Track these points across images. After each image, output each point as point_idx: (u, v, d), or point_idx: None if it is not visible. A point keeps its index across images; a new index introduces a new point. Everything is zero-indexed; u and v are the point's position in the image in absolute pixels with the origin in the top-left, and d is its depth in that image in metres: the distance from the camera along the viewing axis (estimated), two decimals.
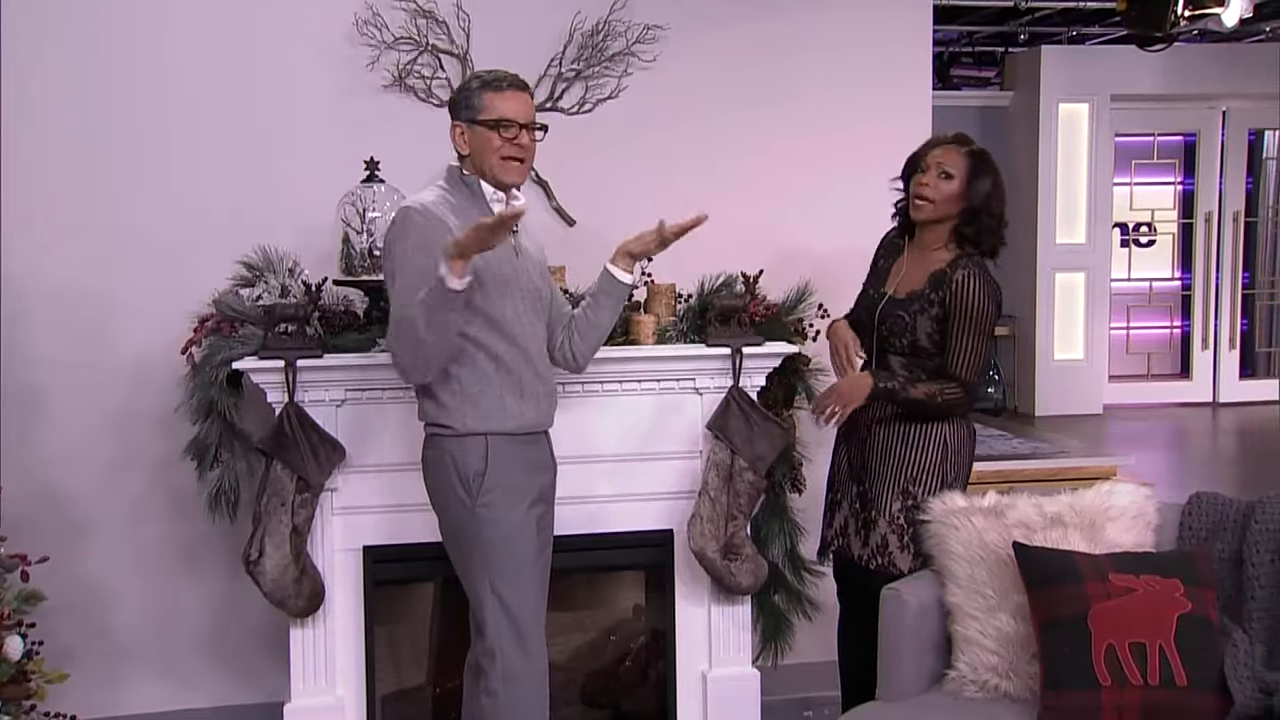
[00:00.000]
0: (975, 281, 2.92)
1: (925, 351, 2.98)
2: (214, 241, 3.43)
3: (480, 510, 2.64)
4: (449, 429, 2.65)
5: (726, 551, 3.33)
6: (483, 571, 2.66)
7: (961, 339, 2.93)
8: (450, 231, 2.55)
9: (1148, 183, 8.98)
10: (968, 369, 2.94)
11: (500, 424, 2.65)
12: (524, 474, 2.71)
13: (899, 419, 3.01)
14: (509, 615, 2.66)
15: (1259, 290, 9.15)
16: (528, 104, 2.72)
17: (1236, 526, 2.73)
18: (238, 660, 3.67)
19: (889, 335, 3.01)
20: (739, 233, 3.65)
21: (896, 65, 3.95)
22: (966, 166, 2.96)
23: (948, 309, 2.93)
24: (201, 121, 3.55)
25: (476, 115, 2.67)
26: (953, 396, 2.95)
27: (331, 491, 3.21)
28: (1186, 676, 2.47)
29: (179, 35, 3.53)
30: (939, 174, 2.96)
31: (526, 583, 2.70)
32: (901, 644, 2.76)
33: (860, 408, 2.99)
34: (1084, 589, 2.54)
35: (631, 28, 3.70)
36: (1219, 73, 8.42)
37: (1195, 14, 5.56)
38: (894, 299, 3.03)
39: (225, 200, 3.55)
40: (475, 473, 2.64)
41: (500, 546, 2.66)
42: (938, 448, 3.01)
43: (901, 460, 3.01)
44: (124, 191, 3.53)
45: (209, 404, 3.23)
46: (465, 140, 2.70)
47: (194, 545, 3.61)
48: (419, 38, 3.61)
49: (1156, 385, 9.08)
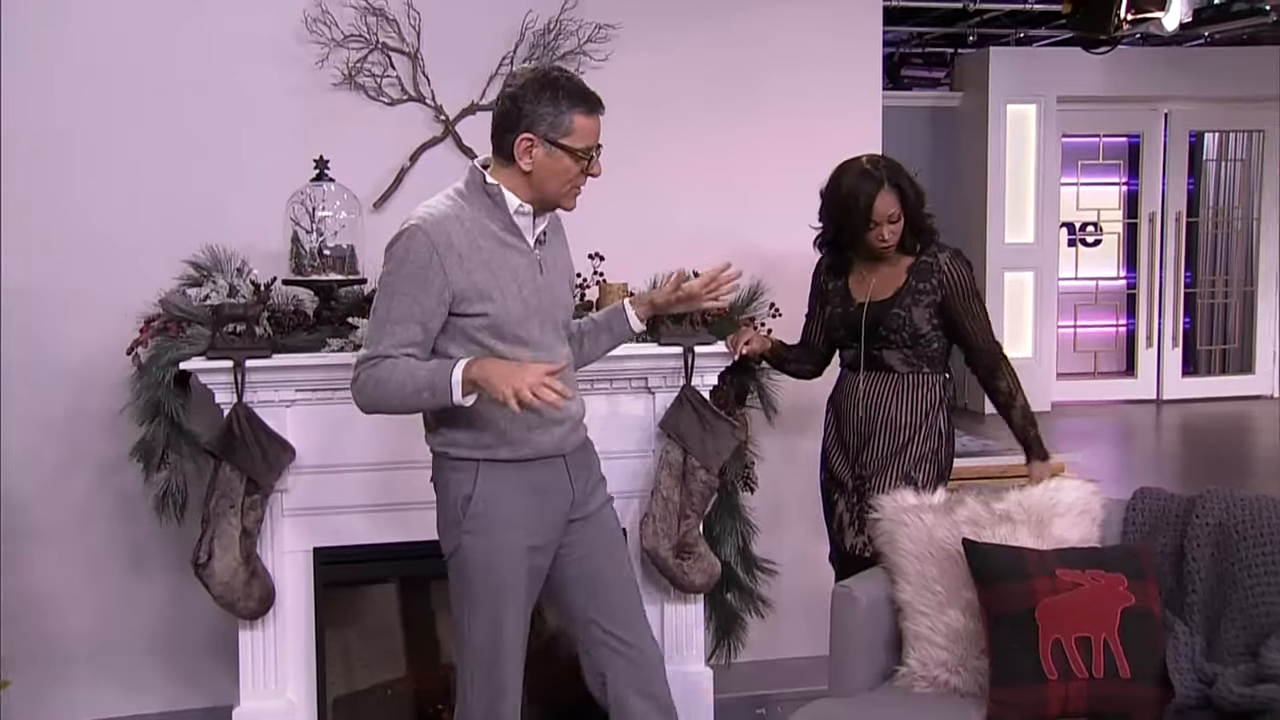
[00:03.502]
0: (960, 261, 3.17)
1: (925, 338, 3.15)
2: (160, 241, 3.39)
3: (465, 537, 2.46)
4: (444, 453, 2.48)
5: (679, 551, 3.34)
6: (463, 599, 2.49)
7: (972, 314, 3.17)
8: (461, 259, 2.34)
9: (1094, 183, 9.12)
10: (989, 335, 3.19)
11: (493, 453, 2.44)
12: (525, 500, 2.47)
13: (893, 408, 3.15)
14: (479, 653, 2.48)
15: (1200, 289, 9.32)
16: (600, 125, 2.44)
17: (1178, 521, 2.79)
18: (186, 664, 3.62)
19: (888, 334, 3.14)
20: (691, 231, 3.67)
21: (847, 65, 3.98)
22: (899, 199, 3.10)
23: (948, 291, 3.13)
24: (148, 119, 3.50)
25: (560, 137, 2.35)
26: (1013, 375, 3.19)
27: (282, 493, 3.18)
28: (1130, 669, 2.52)
29: (125, 32, 3.48)
30: (889, 222, 3.10)
31: (508, 617, 2.48)
32: (852, 640, 2.78)
33: (850, 395, 3.20)
34: (1031, 585, 2.57)
35: (583, 27, 3.70)
36: (1161, 75, 8.57)
37: (1137, 17, 5.67)
38: (879, 302, 3.16)
39: (172, 199, 3.50)
40: (464, 497, 2.44)
41: (481, 577, 2.46)
42: (935, 435, 3.16)
43: (902, 449, 3.13)
44: (67, 190, 3.47)
45: (156, 405, 3.18)
46: (535, 158, 2.37)
47: (141, 548, 3.56)
48: (369, 35, 3.58)
49: (1103, 383, 9.23)
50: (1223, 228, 9.34)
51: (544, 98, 2.35)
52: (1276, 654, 2.48)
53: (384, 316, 2.36)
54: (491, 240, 2.40)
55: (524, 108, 2.35)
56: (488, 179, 2.42)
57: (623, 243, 3.49)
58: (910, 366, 3.16)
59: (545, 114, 2.35)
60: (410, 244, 2.34)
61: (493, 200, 2.42)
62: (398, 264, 2.35)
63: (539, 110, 2.35)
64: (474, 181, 2.44)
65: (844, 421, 3.25)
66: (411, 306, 2.34)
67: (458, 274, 2.35)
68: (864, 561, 3.06)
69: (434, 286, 2.34)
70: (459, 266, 2.35)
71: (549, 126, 2.35)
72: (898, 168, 3.14)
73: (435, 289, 2.34)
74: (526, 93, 2.36)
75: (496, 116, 2.41)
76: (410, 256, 2.34)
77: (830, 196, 3.17)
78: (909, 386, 3.16)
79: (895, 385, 3.17)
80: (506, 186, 2.41)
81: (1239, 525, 2.70)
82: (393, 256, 2.37)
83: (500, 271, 2.39)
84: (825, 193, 3.20)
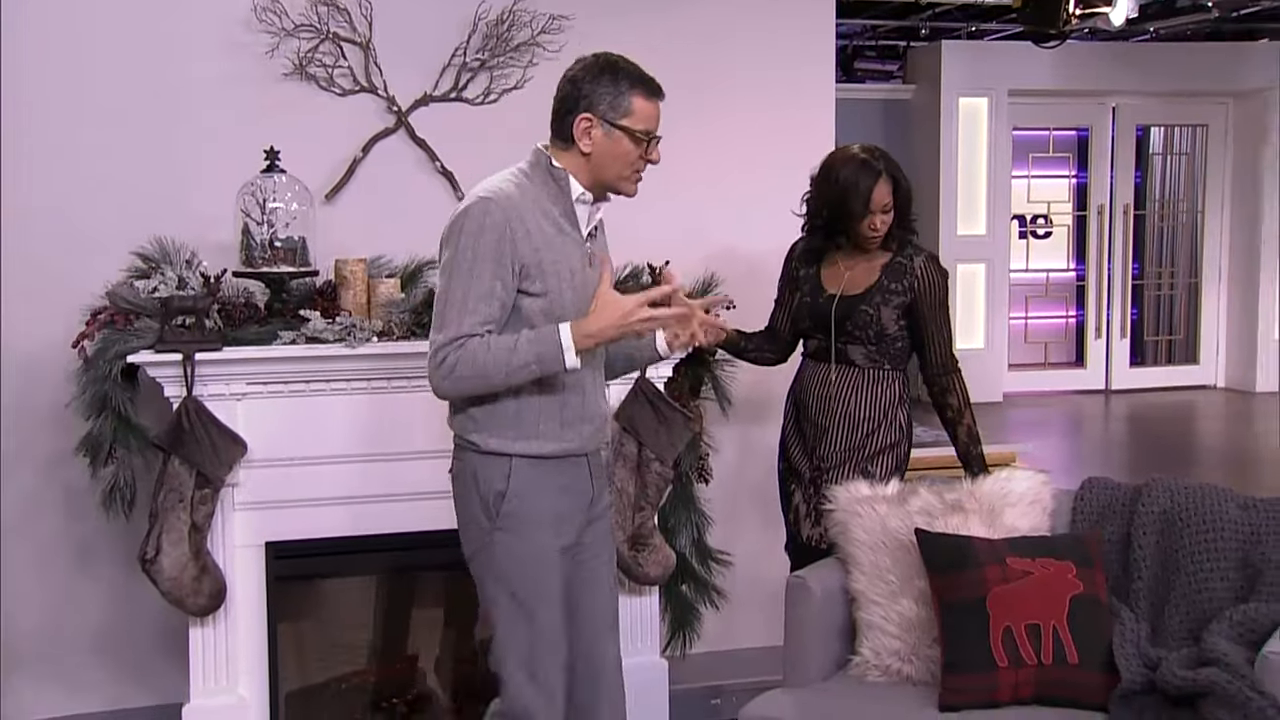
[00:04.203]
0: (935, 266, 3.18)
1: (890, 337, 3.16)
2: (107, 233, 3.33)
3: (497, 534, 2.38)
4: (473, 445, 2.38)
5: (634, 542, 3.35)
6: (498, 599, 2.41)
7: (936, 325, 3.18)
8: (529, 234, 2.30)
9: (1044, 176, 9.23)
10: (947, 350, 3.19)
11: (526, 448, 2.37)
12: (554, 498, 2.41)
13: (853, 402, 3.16)
14: (520, 653, 2.40)
15: (1147, 281, 9.47)
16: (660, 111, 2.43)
17: (1125, 509, 2.84)
18: (133, 661, 3.57)
19: (854, 329, 3.15)
20: (644, 223, 3.66)
21: (801, 58, 3.99)
22: (893, 190, 3.11)
23: (917, 295, 3.14)
24: (95, 109, 3.44)
25: (620, 118, 2.34)
26: (964, 393, 3.20)
27: (233, 487, 3.15)
28: (1078, 655, 2.55)
29: (71, 19, 3.42)
30: (882, 211, 3.10)
31: (544, 616, 2.40)
32: (806, 630, 2.80)
33: (811, 386, 3.21)
34: (982, 573, 2.60)
35: (536, 18, 3.68)
36: (1108, 70, 8.69)
37: (1085, 12, 5.76)
38: (849, 296, 3.16)
39: (118, 190, 3.45)
40: (496, 493, 2.36)
41: (516, 575, 2.39)
42: (896, 430, 3.18)
43: (861, 443, 3.15)
44: (10, 181, 3.40)
45: (103, 399, 3.13)
46: (594, 139, 2.35)
47: (87, 544, 3.51)
48: (320, 25, 3.54)
49: (1053, 373, 9.35)
50: (1169, 220, 9.49)
51: (604, 79, 2.35)
52: (1218, 638, 2.53)
53: (464, 294, 2.27)
54: (550, 224, 2.35)
55: (583, 88, 2.35)
56: (554, 162, 2.38)
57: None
58: (872, 362, 3.17)
59: (605, 94, 2.34)
60: (485, 218, 2.27)
61: (557, 184, 2.38)
62: (472, 238, 2.27)
63: (598, 91, 2.34)
64: (539, 163, 2.39)
65: (803, 412, 3.26)
66: (492, 282, 2.27)
67: (526, 249, 2.30)
68: (820, 552, 3.08)
69: (509, 259, 2.28)
70: (527, 242, 2.30)
71: (608, 107, 2.34)
72: (892, 159, 3.16)
73: (510, 262, 2.28)
74: (587, 74, 2.36)
75: (557, 100, 2.39)
76: (486, 227, 2.27)
77: (825, 183, 3.14)
78: (870, 382, 3.17)
79: (856, 379, 3.17)
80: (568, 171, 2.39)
81: (1182, 513, 2.75)
82: (464, 231, 2.28)
83: (558, 256, 2.35)
84: (819, 179, 3.18)
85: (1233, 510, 2.73)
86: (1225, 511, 2.73)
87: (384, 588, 3.51)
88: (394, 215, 3.55)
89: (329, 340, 3.13)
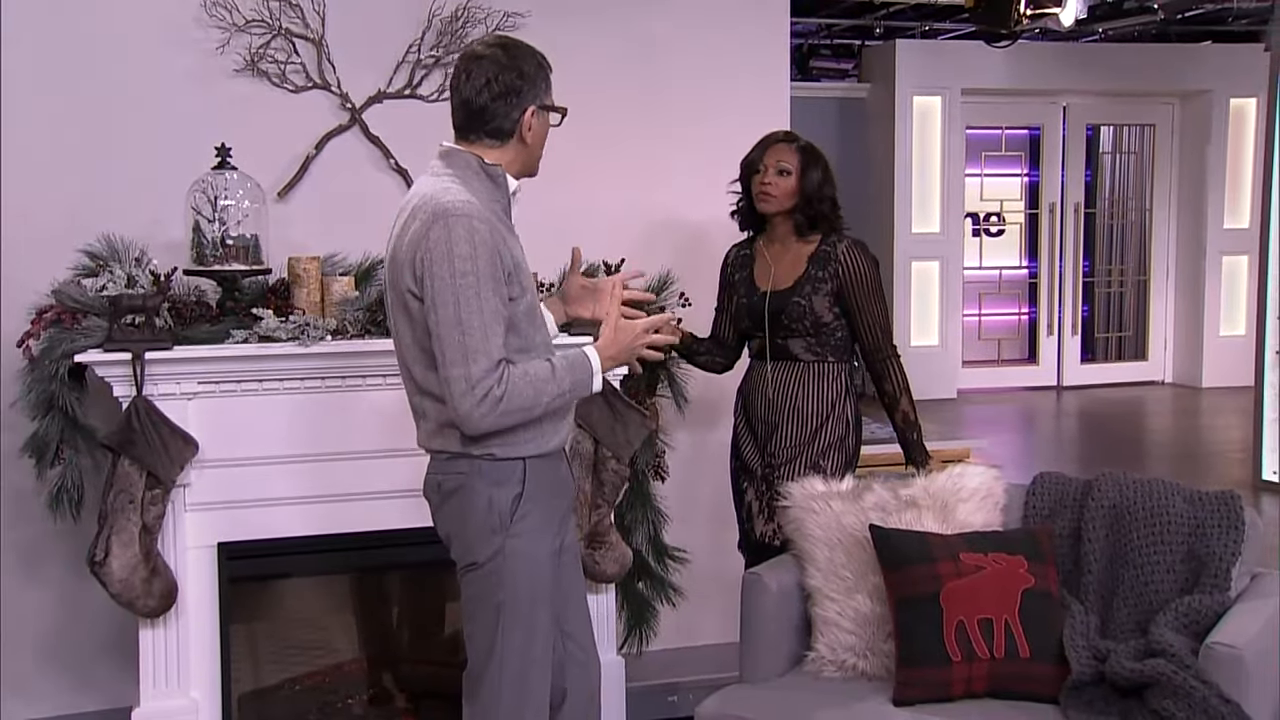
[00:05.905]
0: (858, 251, 3.21)
1: (827, 326, 3.20)
2: (54, 230, 3.27)
3: (510, 541, 2.29)
4: (488, 455, 2.28)
5: (591, 540, 3.34)
6: (496, 608, 2.31)
7: (866, 309, 3.20)
8: (504, 241, 2.24)
9: (997, 174, 9.33)
10: (882, 333, 3.22)
11: (536, 448, 2.32)
12: (552, 497, 2.38)
13: (800, 397, 3.20)
14: (511, 663, 2.32)
15: (1098, 278, 9.61)
16: None
17: (1075, 504, 2.88)
18: (81, 666, 3.51)
19: (790, 322, 3.19)
20: (600, 221, 3.66)
21: (756, 57, 4.00)
22: (799, 161, 3.20)
23: (842, 281, 3.17)
24: (41, 105, 3.37)
25: (545, 99, 2.34)
26: (900, 377, 3.23)
27: (184, 487, 3.11)
28: (1029, 648, 2.59)
29: (16, 15, 3.35)
30: (777, 171, 3.18)
31: (543, 624, 2.35)
32: (762, 627, 2.82)
33: (757, 385, 3.25)
34: (936, 569, 2.63)
35: (491, 15, 3.66)
36: (1059, 70, 8.81)
37: (1036, 13, 5.84)
38: (779, 291, 3.21)
39: (65, 187, 3.39)
40: (513, 497, 2.29)
41: (524, 579, 2.31)
42: (843, 424, 3.21)
43: (810, 439, 3.19)
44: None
45: (49, 399, 3.08)
46: (533, 127, 2.33)
47: (33, 547, 3.44)
48: (271, 21, 3.50)
49: (1006, 370, 9.46)
50: (1118, 218, 9.63)
51: (532, 64, 2.32)
52: (1164, 629, 2.58)
53: (481, 320, 2.17)
54: (502, 225, 2.30)
55: (525, 84, 2.30)
56: (487, 160, 2.31)
57: (528, 234, 3.47)
58: (815, 355, 3.21)
59: (540, 80, 2.33)
60: (474, 236, 2.18)
61: (494, 182, 2.31)
62: (468, 261, 2.17)
63: (538, 79, 2.32)
64: (468, 165, 2.30)
65: (752, 411, 3.29)
66: (496, 301, 2.20)
67: (508, 257, 2.25)
68: (773, 549, 3.10)
69: (500, 273, 2.22)
70: (506, 249, 2.24)
71: (543, 91, 2.34)
72: (812, 147, 3.23)
73: (501, 275, 2.22)
74: (525, 65, 2.31)
75: (490, 97, 2.29)
76: (479, 245, 2.18)
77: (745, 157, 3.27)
78: (814, 376, 3.21)
79: (801, 374, 3.21)
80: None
81: (1131, 507, 2.79)
82: (456, 256, 2.17)
83: (519, 256, 2.31)
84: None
85: (1179, 504, 2.77)
86: (1171, 505, 2.77)
87: (338, 588, 3.48)
88: (348, 213, 3.52)
89: (282, 339, 3.10)
